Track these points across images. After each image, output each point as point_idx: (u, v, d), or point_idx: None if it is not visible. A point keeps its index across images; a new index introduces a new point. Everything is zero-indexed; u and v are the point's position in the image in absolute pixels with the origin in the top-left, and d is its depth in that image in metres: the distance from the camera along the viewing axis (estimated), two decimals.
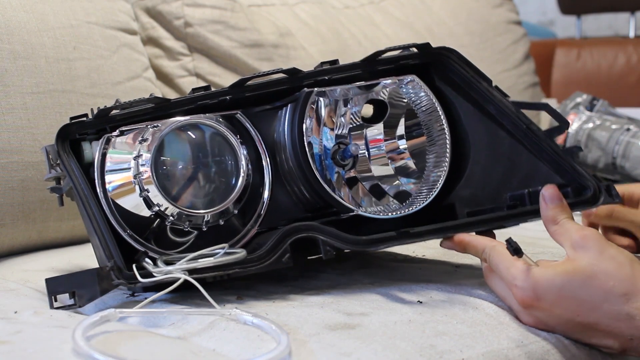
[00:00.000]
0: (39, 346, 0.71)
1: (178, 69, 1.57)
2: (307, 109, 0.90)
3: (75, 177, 0.86)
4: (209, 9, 1.57)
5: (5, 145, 1.15)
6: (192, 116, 0.90)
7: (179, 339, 0.76)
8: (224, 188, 0.90)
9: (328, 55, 1.69)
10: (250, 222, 0.92)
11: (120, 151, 0.88)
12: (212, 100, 0.91)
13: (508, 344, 0.77)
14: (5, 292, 0.93)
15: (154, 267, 0.82)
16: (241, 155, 0.90)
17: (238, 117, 0.92)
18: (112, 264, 0.80)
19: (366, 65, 0.96)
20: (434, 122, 0.95)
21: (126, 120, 0.89)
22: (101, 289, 0.80)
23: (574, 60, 2.62)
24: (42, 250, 1.20)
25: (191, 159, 0.89)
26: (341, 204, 0.90)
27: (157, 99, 0.90)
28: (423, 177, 0.95)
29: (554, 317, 0.78)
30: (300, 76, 0.93)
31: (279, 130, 0.92)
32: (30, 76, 1.19)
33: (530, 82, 2.11)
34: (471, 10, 2.06)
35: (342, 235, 0.86)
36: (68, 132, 0.88)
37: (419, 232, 0.88)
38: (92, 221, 0.84)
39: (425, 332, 0.77)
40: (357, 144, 0.95)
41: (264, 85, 0.92)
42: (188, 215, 0.88)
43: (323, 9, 1.78)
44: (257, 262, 0.84)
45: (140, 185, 0.86)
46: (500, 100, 0.95)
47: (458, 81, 0.96)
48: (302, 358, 0.70)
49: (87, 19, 1.31)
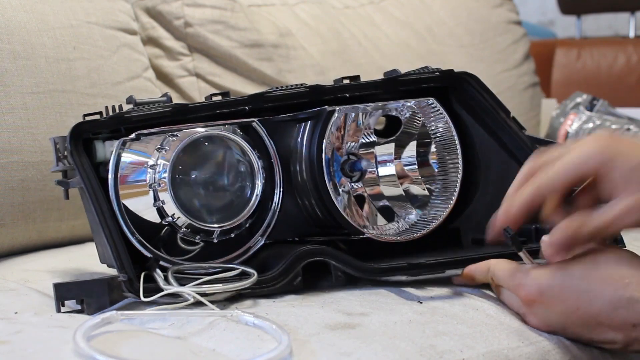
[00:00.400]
0: (39, 346, 0.71)
1: (178, 69, 1.57)
2: (328, 129, 0.90)
3: (87, 178, 0.85)
4: (209, 9, 1.57)
5: (5, 145, 1.15)
6: (211, 127, 0.89)
7: (179, 339, 0.76)
8: (238, 202, 0.90)
9: (328, 55, 1.69)
10: (258, 232, 0.92)
11: (136, 156, 0.87)
12: (230, 108, 0.91)
13: (508, 344, 0.77)
14: (5, 292, 0.93)
15: (165, 283, 0.82)
16: (259, 171, 0.89)
17: (254, 126, 0.92)
18: (125, 277, 0.80)
19: (387, 85, 0.95)
20: (449, 150, 0.95)
21: (142, 123, 0.88)
22: (111, 299, 0.80)
23: (574, 60, 2.62)
24: (42, 250, 1.20)
25: (208, 171, 0.89)
26: (352, 225, 0.90)
27: (175, 104, 0.89)
28: (431, 202, 0.95)
29: (556, 313, 0.78)
30: (321, 91, 0.93)
31: (296, 141, 0.92)
32: (30, 76, 1.19)
33: (530, 82, 2.11)
34: (471, 10, 2.06)
35: (354, 262, 0.87)
36: (82, 130, 0.87)
37: (430, 263, 0.88)
38: (103, 225, 0.83)
39: (425, 332, 0.77)
40: (368, 160, 0.95)
41: (284, 97, 0.92)
42: (200, 228, 0.88)
43: (323, 9, 1.78)
44: (269, 284, 0.85)
45: (156, 194, 0.86)
46: (517, 132, 0.94)
47: (476, 107, 0.96)
48: (303, 358, 0.70)
49: (87, 19, 1.31)
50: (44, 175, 1.18)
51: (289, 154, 0.93)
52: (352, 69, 1.71)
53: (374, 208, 0.95)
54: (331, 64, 1.69)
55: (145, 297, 0.79)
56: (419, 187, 0.96)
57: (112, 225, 0.83)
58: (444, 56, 1.89)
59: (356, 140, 0.95)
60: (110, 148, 0.88)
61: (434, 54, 1.88)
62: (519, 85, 2.06)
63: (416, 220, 0.95)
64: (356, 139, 0.95)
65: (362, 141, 0.96)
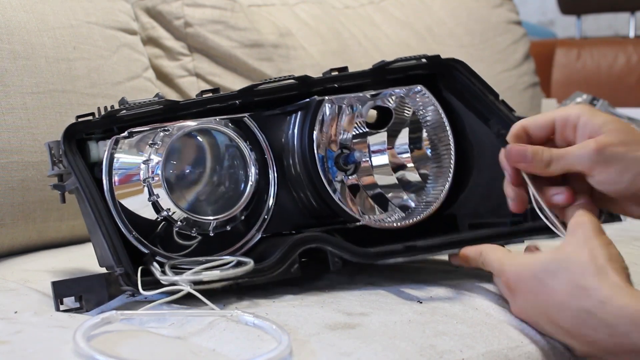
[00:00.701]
0: (39, 346, 0.71)
1: (178, 69, 1.57)
2: (318, 118, 0.90)
3: (82, 177, 0.85)
4: (209, 9, 1.57)
5: (5, 145, 1.15)
6: (202, 121, 0.89)
7: (179, 339, 0.76)
8: (233, 194, 0.90)
9: (328, 55, 1.69)
10: (255, 226, 0.92)
11: (129, 153, 0.88)
12: (221, 103, 0.91)
13: (508, 343, 0.77)
14: (5, 292, 0.93)
15: (162, 274, 0.82)
16: (251, 162, 0.90)
17: (245, 121, 0.92)
18: (122, 270, 0.80)
19: (375, 74, 0.96)
20: (440, 135, 0.95)
21: (134, 121, 0.89)
22: (109, 294, 0.80)
23: (574, 60, 2.62)
24: (42, 250, 1.20)
25: (201, 164, 0.89)
26: (348, 213, 0.90)
27: (166, 101, 0.89)
28: (426, 188, 0.96)
29: (531, 305, 0.78)
30: (309, 82, 0.93)
31: (287, 135, 0.92)
32: (30, 76, 1.19)
33: (530, 82, 2.11)
34: (471, 10, 2.06)
35: (350, 247, 0.87)
36: (75, 131, 0.88)
37: (426, 246, 0.88)
38: (99, 223, 0.83)
39: (425, 332, 0.77)
40: (361, 151, 0.95)
41: (274, 90, 0.93)
42: (196, 221, 0.88)
43: (323, 9, 1.78)
44: (266, 272, 0.84)
45: (150, 189, 0.86)
46: (507, 114, 0.94)
47: (465, 93, 0.96)
48: (303, 358, 0.70)
49: (87, 19, 1.31)
50: (44, 175, 1.18)
51: (281, 148, 0.93)
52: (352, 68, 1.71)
53: (369, 197, 0.96)
54: (331, 64, 1.68)
55: (144, 290, 0.79)
56: (413, 173, 0.97)
57: (109, 222, 0.84)
58: (444, 56, 1.89)
59: (349, 132, 0.95)
60: (104, 148, 0.88)
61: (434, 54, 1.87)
62: (519, 85, 2.06)
63: (412, 206, 0.95)
64: (348, 131, 0.95)
65: (355, 132, 0.96)
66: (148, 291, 0.80)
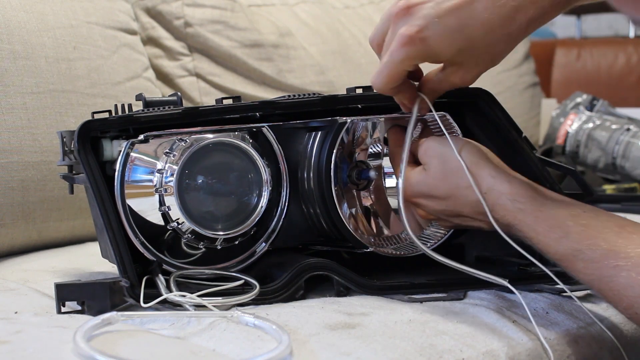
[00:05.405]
0: (39, 346, 0.71)
1: (178, 69, 1.57)
2: (338, 140, 0.89)
3: (93, 176, 0.84)
4: (209, 9, 1.57)
5: (5, 145, 1.15)
6: (220, 134, 0.88)
7: (179, 339, 0.76)
8: (245, 210, 0.89)
9: (328, 55, 1.69)
10: (262, 238, 0.91)
11: (143, 158, 0.87)
12: (240, 114, 0.90)
13: (508, 342, 0.77)
14: (5, 292, 0.93)
15: (166, 289, 0.82)
16: (267, 179, 0.89)
17: (264, 131, 0.91)
18: (127, 283, 0.80)
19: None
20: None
21: (150, 123, 0.87)
22: (112, 303, 0.80)
23: (574, 60, 2.62)
24: (42, 250, 1.21)
25: (215, 178, 0.88)
26: (357, 240, 0.90)
27: (186, 108, 0.88)
28: None
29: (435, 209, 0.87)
30: (333, 101, 0.92)
31: (305, 149, 0.92)
32: (30, 76, 1.19)
33: (530, 82, 2.11)
34: None
35: (356, 278, 0.87)
36: (90, 128, 0.86)
37: (431, 283, 0.89)
38: (107, 226, 0.83)
39: (425, 331, 0.77)
40: (376, 170, 0.94)
41: (296, 105, 0.91)
42: (204, 235, 0.87)
43: (323, 9, 1.78)
44: (270, 296, 0.85)
45: (162, 199, 0.86)
46: (528, 153, 0.93)
47: (488, 125, 0.95)
48: (303, 358, 0.70)
49: (87, 19, 1.31)
50: (44, 175, 1.18)
51: (296, 161, 0.92)
52: (352, 69, 1.71)
53: (379, 222, 0.95)
54: (331, 64, 1.69)
55: (145, 303, 0.79)
56: None
57: (117, 227, 0.83)
58: None
59: (365, 150, 0.95)
60: (118, 147, 0.87)
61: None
62: (519, 85, 2.06)
63: (421, 234, 0.94)
64: (365, 148, 0.95)
65: (371, 151, 0.95)
66: (149, 303, 0.80)
